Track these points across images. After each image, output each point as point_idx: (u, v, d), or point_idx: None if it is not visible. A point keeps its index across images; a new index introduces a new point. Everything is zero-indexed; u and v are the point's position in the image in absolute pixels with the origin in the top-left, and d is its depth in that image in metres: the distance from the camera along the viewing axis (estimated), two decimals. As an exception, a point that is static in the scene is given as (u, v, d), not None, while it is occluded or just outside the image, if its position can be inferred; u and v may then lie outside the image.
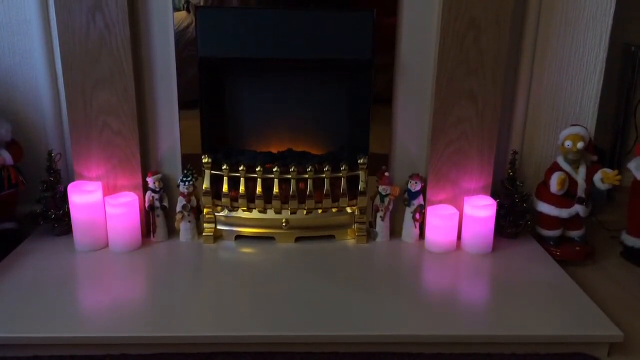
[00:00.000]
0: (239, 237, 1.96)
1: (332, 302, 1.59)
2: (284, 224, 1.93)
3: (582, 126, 1.94)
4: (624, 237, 2.01)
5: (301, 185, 1.92)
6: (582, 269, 1.91)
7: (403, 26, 1.85)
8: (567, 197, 1.93)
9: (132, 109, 1.84)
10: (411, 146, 1.97)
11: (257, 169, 1.88)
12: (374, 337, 1.47)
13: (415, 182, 1.92)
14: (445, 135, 1.89)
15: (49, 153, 1.93)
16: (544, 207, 1.97)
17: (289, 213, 1.94)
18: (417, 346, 1.48)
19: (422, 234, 1.97)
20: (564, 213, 1.94)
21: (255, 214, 1.94)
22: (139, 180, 1.91)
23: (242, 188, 1.90)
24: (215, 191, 1.92)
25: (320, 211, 1.95)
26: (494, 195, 1.97)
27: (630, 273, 1.93)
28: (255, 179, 1.89)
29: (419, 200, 1.95)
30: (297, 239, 1.95)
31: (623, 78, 2.52)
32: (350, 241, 1.98)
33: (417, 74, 1.89)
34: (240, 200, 1.92)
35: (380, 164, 1.96)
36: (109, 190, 1.90)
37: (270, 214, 1.94)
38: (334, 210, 1.96)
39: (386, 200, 1.94)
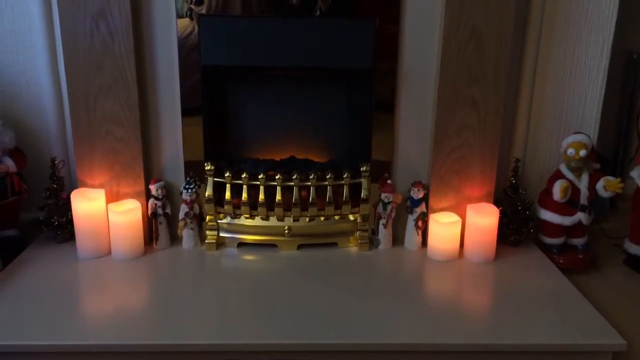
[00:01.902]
0: (242, 244, 1.96)
1: (334, 310, 1.59)
2: (286, 232, 1.93)
3: (584, 134, 1.94)
4: (627, 245, 2.01)
5: (304, 192, 1.92)
6: (585, 277, 1.90)
7: (405, 34, 1.85)
8: (570, 204, 1.93)
9: (135, 116, 1.84)
10: (413, 154, 1.97)
11: (259, 177, 1.88)
12: (376, 346, 1.47)
13: (418, 190, 1.92)
14: (447, 142, 1.89)
15: (52, 160, 1.94)
16: (547, 215, 1.96)
17: (292, 220, 1.94)
18: (419, 354, 1.48)
19: (424, 242, 1.97)
20: (566, 221, 1.94)
21: (257, 222, 1.94)
22: (142, 188, 1.91)
23: (244, 195, 1.90)
24: (217, 198, 1.93)
25: (322, 219, 1.95)
26: (496, 203, 1.96)
27: (634, 281, 1.92)
28: (257, 187, 1.89)
29: (422, 207, 1.94)
30: (300, 247, 1.95)
31: (625, 86, 2.52)
32: (352, 249, 1.98)
33: (419, 81, 1.89)
34: (242, 208, 1.92)
35: (382, 172, 1.96)
36: (111, 198, 1.90)
37: (273, 221, 1.94)
38: (336, 217, 1.96)
39: (389, 207, 1.94)
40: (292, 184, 1.89)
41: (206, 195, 1.91)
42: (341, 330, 1.50)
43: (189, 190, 1.90)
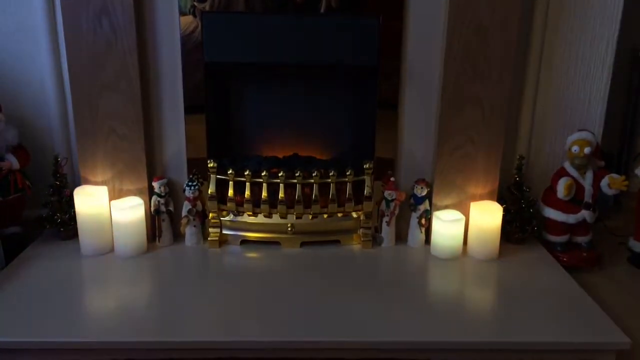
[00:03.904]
0: (245, 241, 1.96)
1: (337, 307, 1.59)
2: (289, 229, 1.93)
3: (589, 131, 1.93)
4: (631, 243, 2.00)
5: (307, 190, 1.91)
6: (589, 275, 1.90)
7: (409, 32, 1.85)
8: (574, 202, 1.92)
9: (138, 113, 1.84)
10: (417, 151, 1.96)
11: (262, 174, 1.88)
12: (380, 343, 1.47)
13: (421, 187, 1.92)
14: (451, 140, 1.89)
15: (55, 158, 1.93)
16: (551, 213, 1.96)
17: (295, 218, 1.93)
18: (422, 352, 1.48)
19: (427, 240, 1.97)
20: (570, 219, 1.93)
21: (260, 219, 1.94)
22: (145, 185, 1.91)
23: (247, 193, 1.90)
24: (220, 196, 1.92)
25: (325, 216, 1.95)
26: (500, 200, 1.96)
27: (638, 279, 1.92)
28: (260, 184, 1.89)
29: (425, 205, 1.94)
30: (303, 244, 1.95)
31: (630, 83, 2.51)
32: (355, 246, 1.97)
33: (423, 79, 1.89)
34: (245, 205, 1.91)
35: (386, 169, 1.95)
36: (114, 195, 1.90)
37: (276, 218, 1.94)
38: (339, 215, 1.95)
39: (392, 205, 1.93)
40: (295, 181, 1.89)
41: (209, 192, 1.90)
42: (344, 328, 1.50)
43: (192, 188, 1.89)
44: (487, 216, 1.87)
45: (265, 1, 1.81)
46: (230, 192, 1.90)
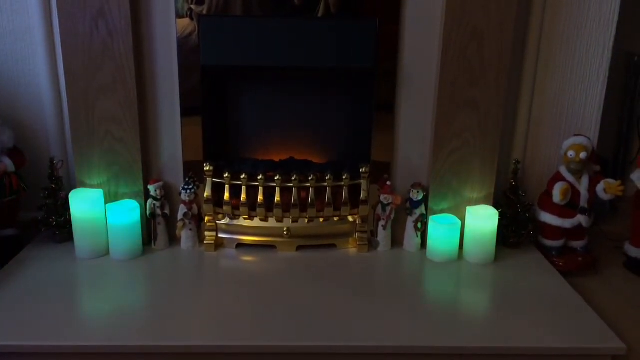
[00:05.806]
0: (240, 245, 1.95)
1: (332, 311, 1.59)
2: (285, 233, 1.93)
3: (585, 136, 1.93)
4: (627, 248, 2.00)
5: (303, 193, 1.91)
6: (585, 280, 1.90)
7: (406, 35, 1.85)
8: (570, 207, 1.92)
9: (134, 116, 1.84)
10: (413, 155, 1.96)
11: (258, 177, 1.87)
12: (375, 348, 1.46)
13: (418, 191, 1.92)
14: (447, 144, 1.89)
15: (51, 160, 1.93)
16: (547, 217, 1.96)
17: (291, 222, 1.93)
18: (417, 357, 1.48)
19: (423, 244, 1.96)
20: (566, 223, 1.93)
21: (256, 223, 1.94)
22: (141, 188, 1.91)
23: (243, 196, 1.89)
24: (216, 199, 1.92)
25: (321, 220, 1.94)
26: (496, 204, 1.96)
27: (634, 284, 1.91)
28: (256, 187, 1.89)
29: (421, 209, 1.94)
30: (299, 248, 1.95)
31: (626, 88, 2.51)
32: (351, 250, 1.97)
33: (419, 82, 1.89)
34: (241, 209, 1.91)
35: (382, 173, 1.95)
36: (110, 198, 1.90)
37: (272, 222, 1.94)
38: (335, 219, 1.95)
39: (388, 209, 1.93)
40: (291, 185, 1.88)
41: (205, 195, 1.90)
42: (340, 333, 1.49)
43: (188, 191, 1.89)
44: (483, 220, 1.87)
45: (263, 5, 1.81)
46: (226, 195, 1.90)
